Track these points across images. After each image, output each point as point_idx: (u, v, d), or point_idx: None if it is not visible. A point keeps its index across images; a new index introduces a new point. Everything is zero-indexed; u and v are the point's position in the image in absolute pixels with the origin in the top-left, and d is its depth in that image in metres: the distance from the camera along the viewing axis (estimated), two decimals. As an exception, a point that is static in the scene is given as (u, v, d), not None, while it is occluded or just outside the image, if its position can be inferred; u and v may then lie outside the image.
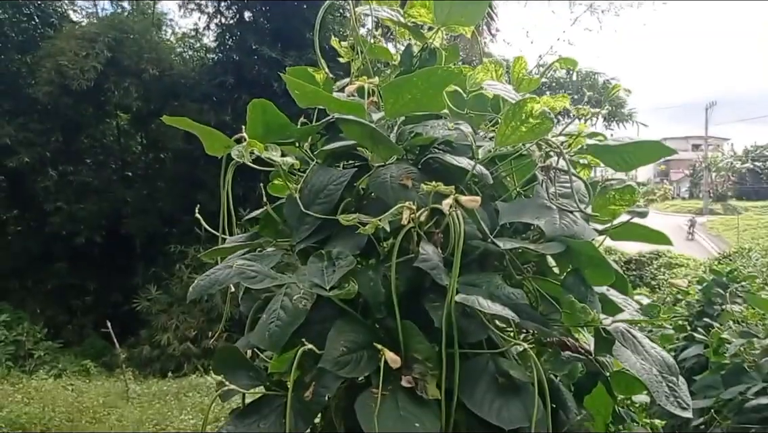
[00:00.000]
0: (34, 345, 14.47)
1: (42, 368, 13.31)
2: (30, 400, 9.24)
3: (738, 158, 52.34)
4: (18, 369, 13.32)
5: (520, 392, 1.25)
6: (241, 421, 1.28)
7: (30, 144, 15.46)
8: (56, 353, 14.80)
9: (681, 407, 1.48)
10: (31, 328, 14.73)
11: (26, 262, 16.80)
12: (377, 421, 1.15)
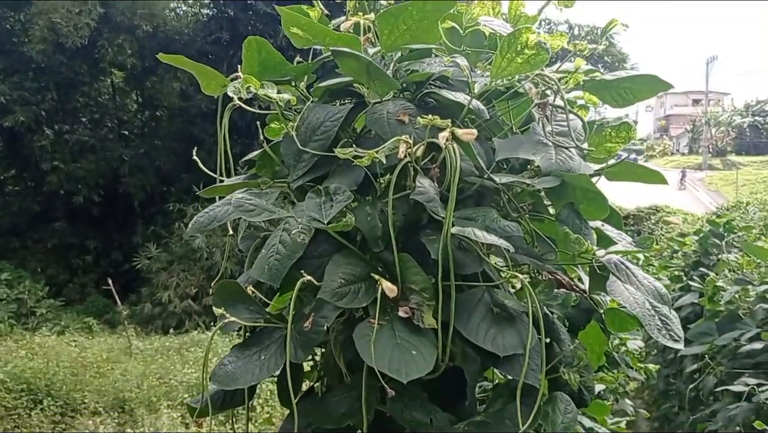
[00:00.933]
0: (36, 303, 14.60)
1: (45, 325, 13.45)
2: (34, 355, 9.36)
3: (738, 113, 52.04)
4: (21, 327, 13.48)
5: (515, 322, 1.28)
6: (242, 352, 1.31)
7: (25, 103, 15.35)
8: (58, 311, 14.94)
9: (673, 339, 1.50)
10: (32, 286, 14.84)
11: (26, 221, 16.85)
12: (374, 349, 1.17)
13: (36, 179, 16.69)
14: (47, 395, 8.27)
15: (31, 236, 17.05)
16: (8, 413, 7.92)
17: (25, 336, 11.65)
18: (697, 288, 4.88)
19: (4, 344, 10.59)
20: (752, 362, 3.99)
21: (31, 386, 8.34)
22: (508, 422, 1.27)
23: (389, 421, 1.36)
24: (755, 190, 28.86)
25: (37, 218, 16.81)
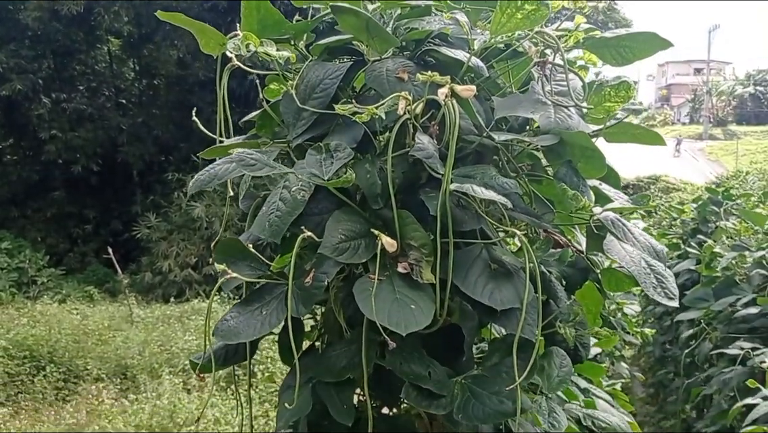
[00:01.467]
0: (37, 272, 14.66)
1: (46, 294, 13.52)
2: (36, 323, 9.43)
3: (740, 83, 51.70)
4: (22, 295, 13.55)
5: (512, 278, 1.30)
6: (244, 308, 1.33)
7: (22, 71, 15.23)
8: (59, 280, 15.01)
9: (668, 297, 1.52)
10: (33, 255, 14.89)
11: (24, 190, 16.83)
12: (374, 303, 1.19)
13: (34, 148, 16.63)
14: (50, 361, 8.35)
15: (31, 205, 17.05)
16: (11, 380, 8.01)
17: (26, 304, 11.72)
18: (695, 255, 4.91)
19: (6, 312, 10.66)
20: (747, 327, 4.04)
21: (34, 353, 8.42)
22: (505, 376, 1.29)
23: (388, 374, 1.38)
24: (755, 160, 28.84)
25: (35, 187, 16.79)
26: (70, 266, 16.30)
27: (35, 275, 14.58)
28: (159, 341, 9.65)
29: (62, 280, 15.14)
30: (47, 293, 13.69)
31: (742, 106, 50.59)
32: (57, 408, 7.10)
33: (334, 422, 1.55)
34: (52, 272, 15.01)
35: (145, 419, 6.45)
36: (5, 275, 14.04)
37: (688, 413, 5.80)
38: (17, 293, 13.65)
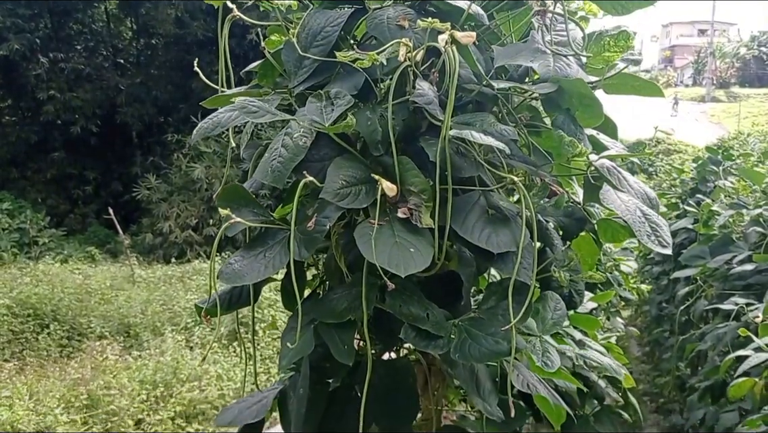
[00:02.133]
0: (38, 233, 14.71)
1: (47, 254, 13.60)
2: (38, 282, 9.52)
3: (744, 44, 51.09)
4: (24, 256, 13.63)
5: (509, 223, 1.33)
6: (248, 253, 1.36)
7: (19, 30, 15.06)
8: (60, 241, 15.08)
9: (662, 244, 1.56)
10: (33, 216, 14.93)
11: (24, 151, 16.80)
12: (375, 246, 1.23)
13: (32, 109, 16.55)
14: (53, 320, 8.46)
15: (30, 166, 17.03)
16: (16, 337, 8.12)
17: (28, 264, 11.81)
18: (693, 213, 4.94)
19: (9, 272, 10.74)
20: (743, 283, 4.08)
21: (37, 312, 8.52)
22: (501, 318, 1.33)
23: (388, 318, 1.43)
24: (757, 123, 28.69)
25: (35, 147, 16.75)
26: (70, 227, 16.36)
27: (36, 236, 14.64)
28: (161, 300, 9.76)
29: (63, 241, 15.21)
30: (49, 253, 13.77)
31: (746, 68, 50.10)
32: (62, 364, 7.21)
33: (335, 365, 1.60)
34: (53, 233, 15.07)
35: (149, 374, 6.56)
36: (6, 236, 14.10)
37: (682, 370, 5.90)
38: (19, 254, 13.73)
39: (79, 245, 15.35)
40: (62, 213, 16.85)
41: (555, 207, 1.56)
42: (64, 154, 16.82)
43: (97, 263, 13.57)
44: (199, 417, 6.40)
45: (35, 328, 8.30)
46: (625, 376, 2.96)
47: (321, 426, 1.57)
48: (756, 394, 2.91)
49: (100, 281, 10.45)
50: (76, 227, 16.72)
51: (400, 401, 1.56)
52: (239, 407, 1.63)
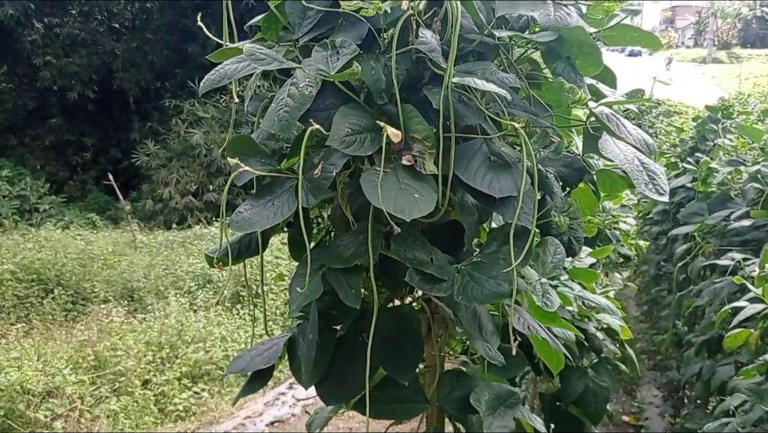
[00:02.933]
0: (39, 200, 14.75)
1: (48, 221, 13.67)
2: (41, 248, 9.59)
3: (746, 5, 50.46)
4: (25, 223, 13.69)
5: (510, 169, 1.36)
6: (257, 201, 1.40)
7: (12, -5, 14.91)
8: (61, 208, 15.13)
9: (659, 192, 1.59)
10: (33, 183, 14.95)
11: (22, 118, 16.75)
12: (380, 192, 1.26)
13: (29, 75, 16.45)
14: (57, 284, 8.55)
15: (28, 133, 17.00)
16: (21, 302, 8.22)
17: (30, 231, 11.87)
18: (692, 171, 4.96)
19: (11, 238, 10.81)
20: (740, 239, 4.13)
21: (41, 277, 8.61)
22: (502, 262, 1.38)
23: (393, 264, 1.47)
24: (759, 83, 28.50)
25: (32, 114, 16.70)
26: (70, 194, 16.40)
27: (37, 203, 14.68)
28: (163, 265, 9.85)
29: (64, 207, 15.27)
30: (50, 220, 13.84)
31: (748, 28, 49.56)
32: (68, 328, 7.32)
33: (342, 312, 1.65)
34: (54, 200, 15.11)
35: (154, 336, 6.67)
36: (7, 203, 14.14)
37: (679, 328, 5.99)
38: (20, 221, 13.79)
39: (80, 211, 15.41)
40: (62, 180, 16.88)
41: (555, 154, 1.59)
42: (61, 120, 16.78)
43: (98, 229, 13.64)
44: (205, 377, 6.53)
45: (40, 293, 8.40)
46: (622, 328, 3.03)
47: (329, 371, 1.63)
48: (751, 344, 2.97)
49: (102, 247, 10.52)
50: (75, 193, 16.76)
51: (405, 345, 1.61)
52: (250, 355, 1.69)
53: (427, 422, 1.85)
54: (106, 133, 17.62)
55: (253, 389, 1.68)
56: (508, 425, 1.68)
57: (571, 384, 3.01)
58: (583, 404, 3.03)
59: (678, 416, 5.69)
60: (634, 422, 6.50)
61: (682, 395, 5.95)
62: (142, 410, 5.64)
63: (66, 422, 4.89)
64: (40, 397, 4.96)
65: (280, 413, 6.01)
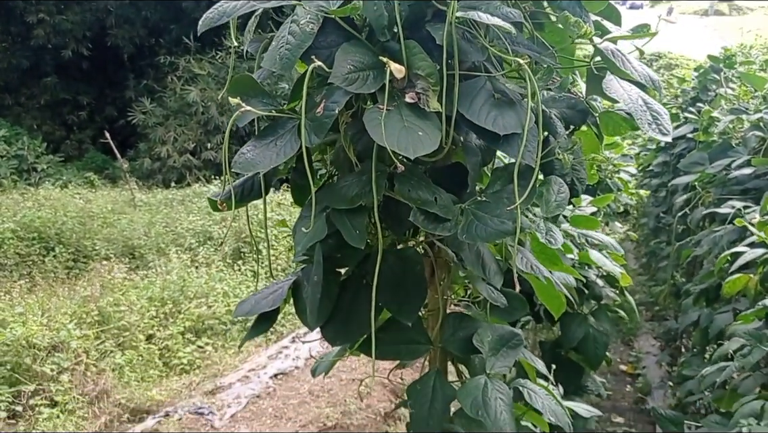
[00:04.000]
0: (36, 159, 14.71)
1: (47, 180, 13.65)
2: (41, 207, 9.59)
3: (750, -47, 49.41)
4: (23, 182, 13.66)
5: (514, 106, 1.35)
6: (259, 142, 1.39)
7: (2, -50, 14.60)
8: (59, 167, 15.09)
9: (662, 132, 1.59)
10: (30, 143, 14.88)
11: (17, 77, 16.58)
12: (384, 130, 1.25)
13: (22, 33, 16.19)
14: (58, 243, 8.58)
15: (24, 92, 16.85)
16: (23, 260, 8.26)
17: (29, 190, 11.85)
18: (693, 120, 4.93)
19: (11, 197, 10.79)
20: (740, 188, 4.12)
21: (42, 235, 8.63)
22: (506, 201, 1.38)
23: (397, 204, 1.47)
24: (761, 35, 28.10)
25: (27, 73, 16.52)
26: (68, 153, 16.33)
27: (35, 162, 14.64)
28: (164, 223, 9.86)
29: (62, 167, 15.22)
30: (48, 179, 13.81)
31: (751, -22, 48.65)
32: (70, 285, 7.37)
33: (346, 254, 1.66)
34: (51, 159, 15.05)
35: (156, 292, 6.72)
36: (5, 163, 14.09)
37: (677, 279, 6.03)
38: (18, 180, 13.76)
39: (78, 171, 15.37)
40: (58, 139, 16.79)
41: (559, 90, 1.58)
42: (56, 79, 16.60)
43: (97, 188, 13.62)
44: (208, 332, 6.60)
45: (41, 251, 8.43)
46: (622, 275, 3.06)
47: (333, 313, 1.64)
48: (751, 289, 3.00)
49: (102, 205, 10.52)
50: (73, 153, 16.69)
51: (408, 287, 1.62)
52: (255, 298, 1.70)
53: (431, 364, 1.88)
54: (102, 91, 17.45)
55: (259, 331, 1.70)
56: (510, 365, 1.70)
57: (571, 330, 3.05)
58: (583, 349, 3.08)
59: (675, 364, 5.77)
60: (631, 371, 6.61)
61: (680, 344, 6.03)
62: (147, 363, 5.72)
63: (72, 375, 4.96)
64: (46, 351, 5.02)
65: (283, 366, 6.09)
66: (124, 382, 5.33)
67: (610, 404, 5.69)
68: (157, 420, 4.94)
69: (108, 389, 5.06)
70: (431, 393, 1.67)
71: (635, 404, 5.85)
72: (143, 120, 15.98)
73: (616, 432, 5.12)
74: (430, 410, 1.67)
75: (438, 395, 1.67)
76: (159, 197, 12.55)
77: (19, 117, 16.44)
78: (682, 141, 5.47)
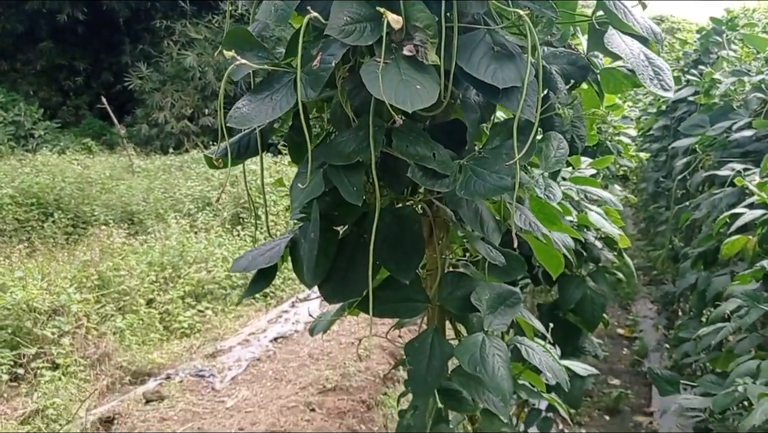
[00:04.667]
0: (33, 125, 14.63)
1: (44, 146, 13.58)
2: (39, 173, 9.56)
3: None
4: (21, 148, 13.61)
5: (514, 59, 1.33)
6: (255, 97, 1.37)
7: None
8: (56, 133, 15.03)
9: (663, 88, 1.57)
10: (27, 109, 14.79)
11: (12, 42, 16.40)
12: (381, 83, 1.23)
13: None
14: (57, 208, 8.57)
15: (19, 57, 16.68)
16: (22, 225, 8.26)
17: (26, 156, 11.81)
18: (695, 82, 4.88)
19: (8, 163, 10.76)
20: (741, 151, 4.10)
21: (40, 201, 8.62)
22: (505, 156, 1.36)
23: (395, 161, 1.46)
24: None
25: (22, 38, 16.33)
26: (64, 120, 16.24)
27: (32, 128, 14.56)
28: (162, 189, 9.85)
29: (59, 133, 15.15)
30: (45, 145, 13.75)
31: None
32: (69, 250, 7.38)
33: (343, 212, 1.65)
34: (48, 125, 14.98)
35: (156, 257, 6.73)
36: (2, 129, 14.01)
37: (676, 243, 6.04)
38: (16, 146, 13.71)
39: (75, 137, 15.30)
40: (55, 105, 16.68)
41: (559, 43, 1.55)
42: (52, 44, 16.42)
43: (95, 154, 13.57)
44: (208, 296, 6.63)
45: (40, 216, 8.42)
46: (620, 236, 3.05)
47: (331, 271, 1.64)
48: (749, 250, 3.00)
49: (100, 171, 10.49)
50: (69, 119, 16.59)
51: (406, 245, 1.62)
52: (252, 255, 1.70)
53: (429, 323, 1.88)
54: (98, 56, 17.27)
55: (257, 288, 1.70)
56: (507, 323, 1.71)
57: (569, 292, 3.06)
58: (581, 311, 3.09)
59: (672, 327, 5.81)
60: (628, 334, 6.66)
61: (677, 307, 6.06)
62: (147, 327, 5.76)
63: (73, 339, 4.99)
64: (47, 315, 5.04)
65: (283, 330, 6.14)
66: (125, 345, 5.37)
67: (607, 367, 5.75)
68: (158, 382, 4.99)
69: (109, 352, 5.09)
70: (429, 350, 1.68)
71: (632, 367, 5.91)
72: (140, 85, 15.85)
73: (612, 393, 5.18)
74: (428, 367, 1.68)
75: (436, 352, 1.67)
76: (157, 163, 12.51)
77: (15, 83, 16.30)
78: (683, 104, 5.43)
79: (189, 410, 4.57)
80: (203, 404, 4.69)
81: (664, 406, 4.73)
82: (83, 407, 4.39)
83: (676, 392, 2.99)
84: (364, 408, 4.72)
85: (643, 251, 8.63)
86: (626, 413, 5.04)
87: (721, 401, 2.41)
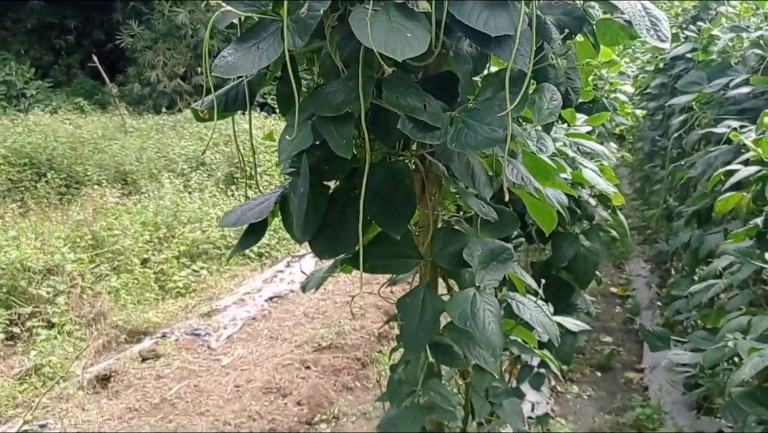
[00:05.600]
0: (25, 85, 14.47)
1: (36, 106, 13.45)
2: (31, 132, 9.47)
3: None
4: (13, 108, 13.47)
5: (507, 7, 1.29)
6: (241, 45, 1.33)
7: None
8: (48, 93, 14.87)
9: (660, 39, 1.54)
10: (19, 68, 14.58)
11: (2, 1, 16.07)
12: (371, 32, 1.20)
13: (4, -47, 15.64)
14: (50, 168, 8.52)
15: (10, 16, 16.39)
16: (15, 186, 8.22)
17: (18, 116, 11.69)
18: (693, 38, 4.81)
19: (1, 123, 10.65)
20: (737, 108, 4.06)
21: (33, 161, 8.56)
22: (497, 108, 1.33)
23: (386, 113, 1.43)
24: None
25: (11, -4, 16.04)
26: (56, 79, 16.04)
27: (23, 88, 14.40)
28: (155, 148, 9.78)
29: (51, 92, 14.98)
30: (37, 105, 13.61)
31: None
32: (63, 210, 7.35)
33: (333, 167, 1.63)
34: (40, 85, 14.81)
35: (150, 217, 6.71)
36: (-7, 88, 13.87)
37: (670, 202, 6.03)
38: (8, 106, 13.57)
39: (67, 96, 15.13)
40: (46, 64, 16.46)
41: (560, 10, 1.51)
42: (42, 2, 16.12)
43: (87, 114, 13.44)
44: (203, 256, 6.63)
45: (33, 176, 8.38)
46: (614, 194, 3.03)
47: (322, 226, 1.62)
48: (743, 207, 2.99)
49: (92, 131, 10.40)
50: (61, 78, 16.39)
51: (397, 200, 1.60)
52: (242, 209, 1.67)
53: (421, 279, 1.88)
54: (89, 14, 16.97)
55: (247, 244, 1.68)
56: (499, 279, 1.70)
57: (562, 249, 3.06)
58: (574, 268, 3.09)
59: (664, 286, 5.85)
60: (621, 293, 6.70)
61: (670, 266, 6.09)
62: (142, 287, 5.77)
63: (68, 298, 5.00)
64: (41, 274, 5.04)
65: (278, 289, 6.16)
66: (121, 305, 5.38)
67: (599, 325, 5.80)
68: (154, 341, 5.02)
69: (105, 311, 5.11)
70: (421, 305, 1.67)
71: (624, 325, 5.97)
72: (131, 44, 15.63)
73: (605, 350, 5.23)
74: (419, 323, 1.67)
75: (428, 307, 1.67)
76: (150, 123, 12.41)
77: (6, 42, 16.05)
78: (681, 61, 5.36)
79: (185, 368, 4.61)
80: (199, 362, 4.73)
81: (655, 362, 4.79)
82: (79, 365, 4.42)
83: (666, 348, 3.00)
84: (359, 365, 4.77)
85: (638, 211, 8.64)
86: (617, 369, 5.10)
87: (711, 356, 2.42)
